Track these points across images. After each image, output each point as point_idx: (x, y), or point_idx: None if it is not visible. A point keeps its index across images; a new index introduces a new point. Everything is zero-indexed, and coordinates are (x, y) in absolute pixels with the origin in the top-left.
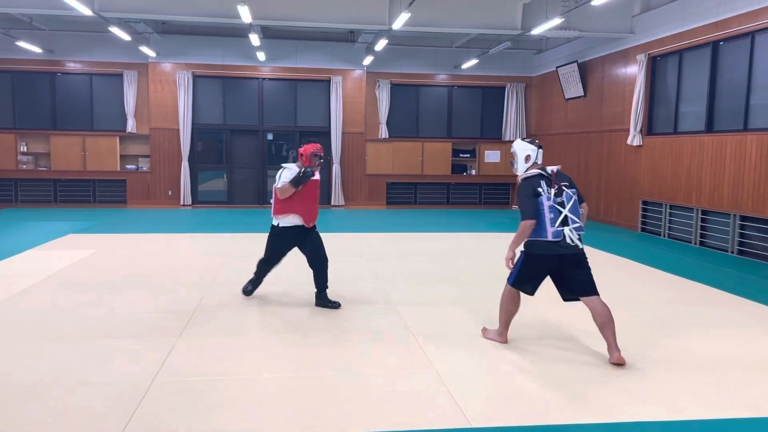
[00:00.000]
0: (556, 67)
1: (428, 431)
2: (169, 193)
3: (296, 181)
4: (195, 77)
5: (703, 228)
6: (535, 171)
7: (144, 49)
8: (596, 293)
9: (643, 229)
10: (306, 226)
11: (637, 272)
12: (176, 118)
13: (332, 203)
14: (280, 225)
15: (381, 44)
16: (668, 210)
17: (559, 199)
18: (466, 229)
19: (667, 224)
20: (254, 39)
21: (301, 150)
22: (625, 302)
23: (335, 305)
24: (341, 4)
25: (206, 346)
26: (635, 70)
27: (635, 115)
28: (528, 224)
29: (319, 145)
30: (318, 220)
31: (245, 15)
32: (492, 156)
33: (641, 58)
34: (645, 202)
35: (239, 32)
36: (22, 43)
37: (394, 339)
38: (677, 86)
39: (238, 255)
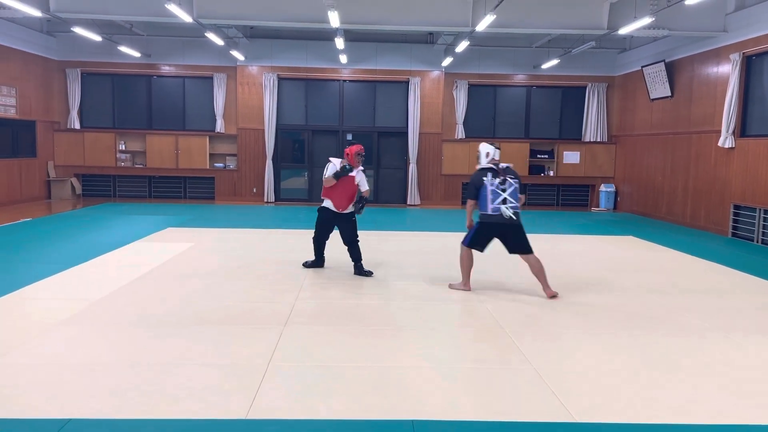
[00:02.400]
0: (642, 67)
1: (533, 423)
2: (254, 190)
3: (336, 175)
4: (280, 79)
5: None
6: (487, 165)
7: (234, 53)
8: (531, 252)
9: (734, 234)
10: (336, 211)
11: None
12: (262, 118)
13: (408, 202)
14: (322, 206)
15: (462, 46)
16: (762, 215)
17: (502, 186)
18: (543, 230)
19: (761, 229)
20: (339, 42)
21: (346, 150)
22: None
23: (369, 273)
24: (425, 7)
25: (312, 334)
26: (727, 70)
27: (727, 117)
28: (470, 203)
29: (361, 146)
30: (394, 219)
31: (334, 20)
32: (571, 157)
33: (735, 57)
34: (737, 207)
35: (323, 36)
36: (123, 48)
37: (486, 332)
38: None
39: (328, 248)
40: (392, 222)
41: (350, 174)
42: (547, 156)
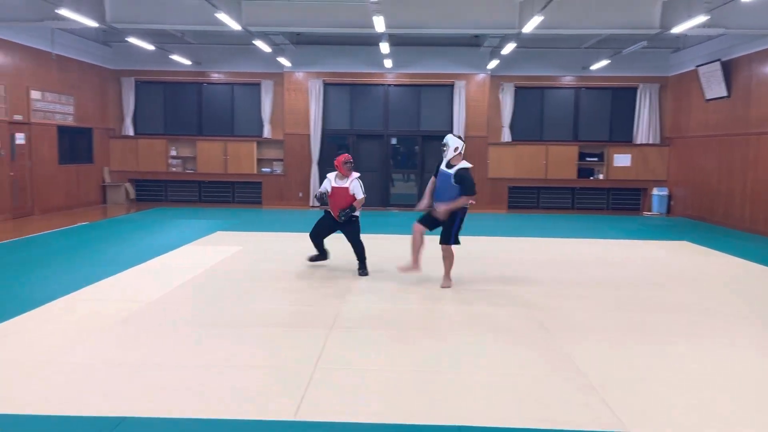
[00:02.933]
0: (696, 66)
1: None
2: (300, 195)
3: (321, 202)
4: (325, 85)
5: None
6: (468, 164)
7: (281, 59)
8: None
9: None
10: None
11: None
12: (307, 123)
13: None
14: (328, 209)
15: (508, 48)
16: None
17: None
18: (593, 235)
19: None
20: (384, 47)
21: (335, 162)
22: None
23: (364, 273)
24: (470, 9)
25: (358, 338)
26: None
27: None
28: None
29: (347, 155)
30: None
31: (379, 25)
32: (622, 160)
33: None
34: None
35: (368, 41)
36: (174, 57)
37: (532, 338)
38: None
39: (370, 253)
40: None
41: (344, 186)
42: (596, 159)
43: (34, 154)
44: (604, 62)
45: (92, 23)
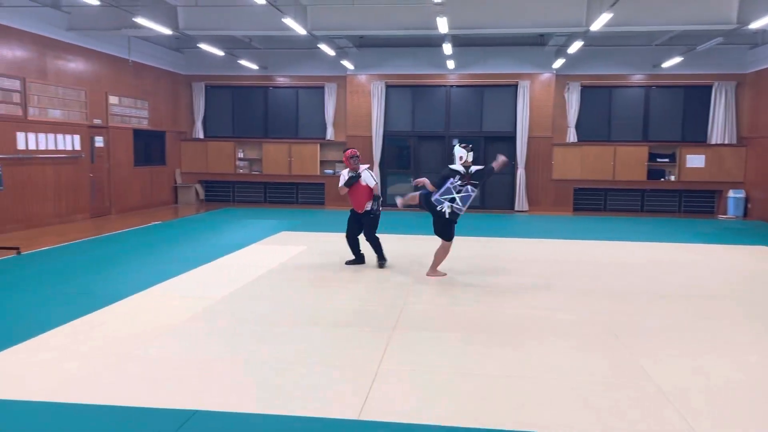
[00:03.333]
0: None
1: None
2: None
3: (347, 183)
4: (387, 87)
5: None
6: (458, 167)
7: (344, 62)
8: (445, 240)
9: None
10: (357, 211)
11: None
12: (369, 125)
13: (516, 208)
14: (352, 207)
15: (575, 46)
16: None
17: (459, 187)
18: (664, 238)
19: None
20: (447, 48)
21: (343, 157)
22: None
23: (382, 264)
24: (536, 8)
25: (421, 340)
26: None
27: None
28: (430, 188)
29: (353, 150)
30: (501, 224)
31: (442, 26)
32: (695, 161)
33: None
34: None
35: (430, 42)
36: (242, 62)
37: (601, 344)
38: None
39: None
40: (499, 228)
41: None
42: (667, 160)
43: (112, 156)
44: (676, 60)
45: (166, 31)
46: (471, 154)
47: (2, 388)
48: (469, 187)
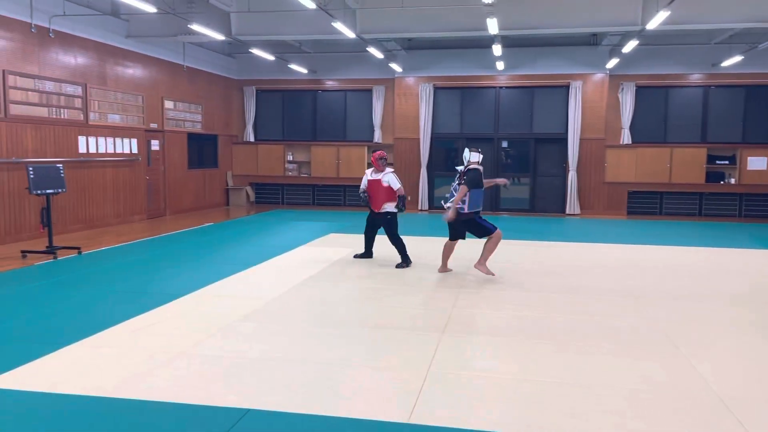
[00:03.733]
0: None
1: None
2: (408, 198)
3: (363, 200)
4: (435, 89)
5: None
6: (462, 168)
7: (392, 65)
8: (486, 235)
9: None
10: (374, 211)
11: None
12: (417, 128)
13: (567, 211)
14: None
15: (630, 46)
16: None
17: (456, 186)
18: (723, 244)
19: None
20: (496, 49)
21: (372, 158)
22: None
23: (401, 265)
24: (589, 7)
25: (469, 343)
26: None
27: None
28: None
29: (382, 152)
30: (552, 228)
31: (492, 27)
32: (757, 163)
33: None
34: None
35: (480, 43)
36: (292, 66)
37: (656, 350)
38: None
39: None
40: (549, 232)
41: (374, 178)
42: (727, 162)
43: (167, 159)
44: (737, 58)
45: (220, 36)
46: (474, 154)
47: (66, 383)
48: (456, 184)
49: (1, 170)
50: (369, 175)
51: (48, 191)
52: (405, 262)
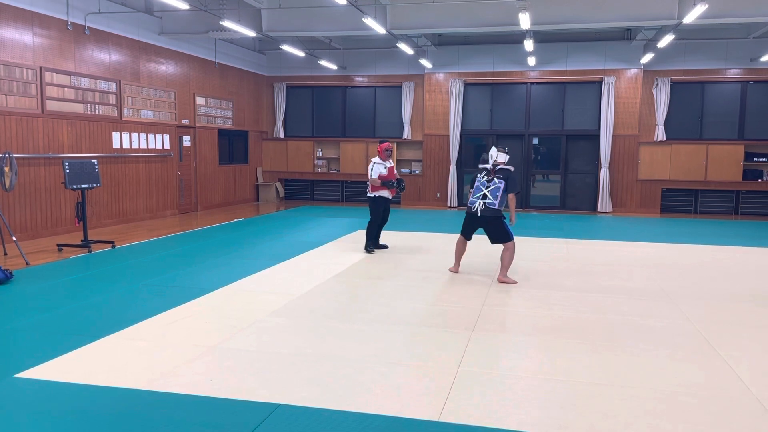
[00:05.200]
0: None
1: None
2: (437, 195)
3: (388, 184)
4: (466, 85)
5: None
6: (486, 165)
7: (422, 61)
8: (501, 242)
9: None
10: (390, 197)
11: None
12: (447, 124)
13: (599, 209)
14: (378, 196)
15: (665, 40)
16: None
17: (487, 183)
18: (761, 243)
19: None
20: (528, 44)
21: (378, 148)
22: None
23: (368, 250)
24: (622, 1)
25: (500, 342)
26: None
27: None
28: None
29: (389, 143)
30: (584, 226)
31: (524, 22)
32: None
33: None
34: None
35: (510, 39)
36: (322, 62)
37: (693, 352)
38: None
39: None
40: (581, 229)
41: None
42: (765, 159)
43: (198, 155)
44: None
45: (251, 33)
46: (501, 154)
47: (100, 375)
48: (495, 179)
49: (38, 165)
50: (385, 163)
51: (83, 186)
52: (368, 247)
